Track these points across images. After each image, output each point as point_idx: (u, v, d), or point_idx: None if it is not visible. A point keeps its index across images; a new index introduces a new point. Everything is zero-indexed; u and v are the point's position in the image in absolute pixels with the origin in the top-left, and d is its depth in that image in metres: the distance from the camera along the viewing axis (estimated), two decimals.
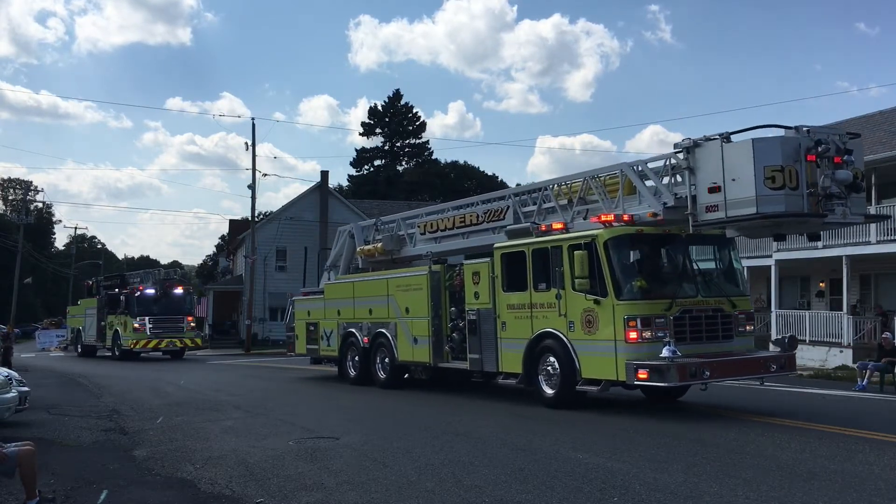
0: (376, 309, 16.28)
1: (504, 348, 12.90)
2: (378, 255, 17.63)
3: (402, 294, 15.45)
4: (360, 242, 18.61)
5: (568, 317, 11.65)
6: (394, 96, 74.92)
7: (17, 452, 6.49)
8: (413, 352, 15.11)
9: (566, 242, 11.85)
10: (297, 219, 44.18)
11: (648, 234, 11.78)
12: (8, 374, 11.60)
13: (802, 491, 6.57)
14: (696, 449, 8.54)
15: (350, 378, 17.22)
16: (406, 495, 6.70)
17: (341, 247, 19.60)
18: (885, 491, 6.57)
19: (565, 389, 11.71)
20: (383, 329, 15.98)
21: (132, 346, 29.80)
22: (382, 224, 18.23)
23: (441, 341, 14.62)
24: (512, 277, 12.81)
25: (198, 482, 7.48)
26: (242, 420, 11.73)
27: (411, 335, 15.13)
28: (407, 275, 15.65)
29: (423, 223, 16.70)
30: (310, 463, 8.20)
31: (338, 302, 17.79)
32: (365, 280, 17.23)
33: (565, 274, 11.67)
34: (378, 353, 16.31)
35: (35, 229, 74.36)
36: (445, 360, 14.62)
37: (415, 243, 16.98)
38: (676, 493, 6.57)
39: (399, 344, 15.54)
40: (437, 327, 14.60)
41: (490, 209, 14.90)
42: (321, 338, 18.40)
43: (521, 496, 6.57)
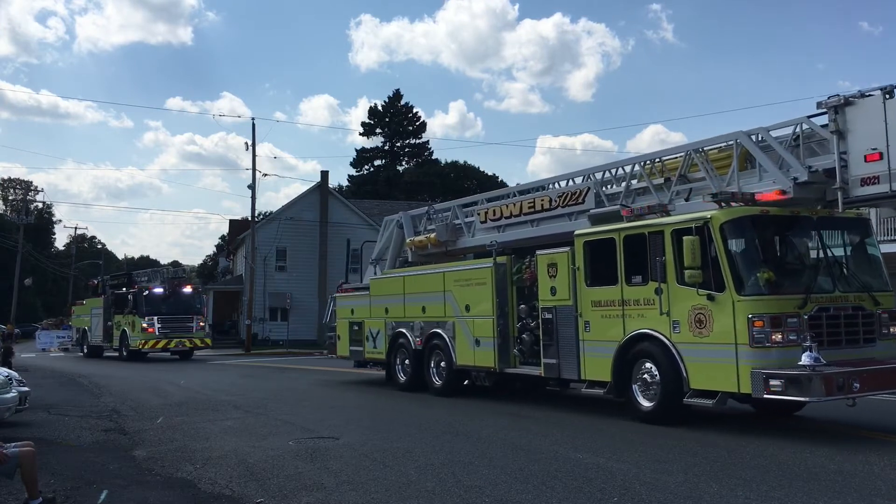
0: (431, 307, 14.74)
1: (588, 352, 11.26)
2: (431, 246, 16.19)
3: (462, 290, 13.89)
4: (410, 233, 17.05)
5: (672, 315, 9.95)
6: (394, 96, 75.00)
7: (17, 453, 6.49)
8: (474, 355, 13.55)
9: (670, 227, 10.12)
10: (298, 219, 44.20)
11: (775, 216, 9.90)
12: (8, 374, 11.60)
13: (802, 491, 6.57)
14: (696, 449, 8.54)
15: (400, 383, 15.67)
16: (406, 495, 6.71)
17: (388, 238, 18.06)
18: (884, 491, 6.57)
19: (668, 402, 10.01)
20: (439, 329, 14.45)
21: (140, 346, 29.15)
22: (435, 212, 16.66)
23: (508, 343, 13.00)
24: (598, 269, 11.19)
25: (198, 482, 7.49)
26: (242, 420, 11.73)
27: (472, 336, 13.58)
28: (468, 268, 14.13)
29: (484, 210, 15.05)
30: (310, 463, 8.20)
31: (386, 299, 16.25)
32: (417, 274, 15.53)
33: (668, 265, 10.02)
34: (432, 357, 14.78)
35: (35, 229, 74.42)
36: (513, 366, 13.00)
37: (473, 233, 15.41)
38: (676, 493, 6.58)
39: (458, 346, 13.98)
40: (503, 327, 13.01)
41: (565, 192, 13.13)
42: (366, 339, 16.85)
43: (521, 496, 6.57)
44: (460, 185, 71.84)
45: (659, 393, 10.12)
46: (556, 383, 12.58)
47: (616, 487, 6.80)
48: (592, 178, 12.98)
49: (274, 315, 43.49)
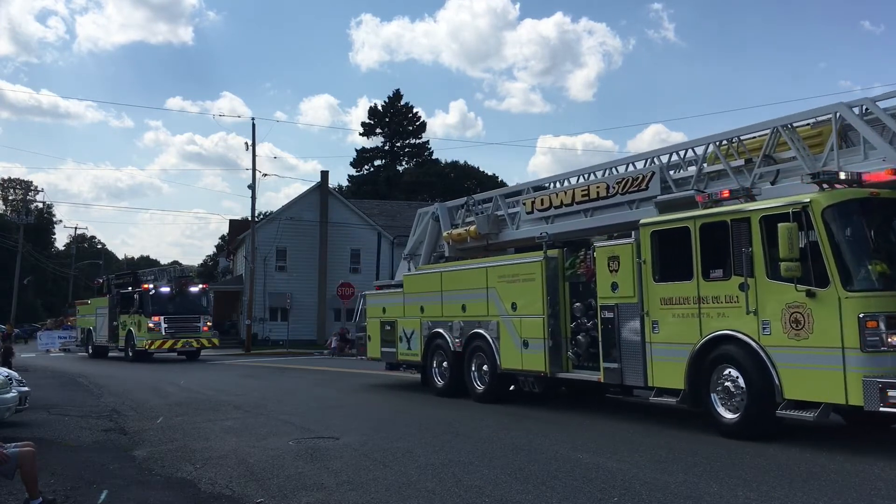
0: (472, 305, 13.61)
1: (656, 356, 10.07)
2: (470, 240, 15.16)
3: (508, 286, 12.74)
4: (447, 226, 16.03)
5: (760, 314, 8.77)
6: (394, 96, 75.03)
7: (17, 453, 6.50)
8: (522, 358, 12.40)
9: (758, 213, 8.92)
10: (298, 219, 44.21)
11: (886, 200, 8.66)
12: (8, 374, 11.61)
13: (802, 491, 6.57)
14: (696, 449, 8.54)
15: (437, 388, 14.56)
16: (406, 495, 6.70)
17: (422, 232, 16.99)
18: (884, 491, 6.57)
19: (755, 414, 8.83)
20: (481, 330, 13.31)
21: (147, 346, 28.50)
22: (474, 203, 15.61)
23: (560, 345, 11.86)
24: (668, 262, 10.05)
25: (198, 482, 7.49)
26: (242, 420, 11.73)
27: (519, 337, 12.44)
28: (514, 262, 12.85)
29: (531, 200, 13.95)
30: (310, 463, 8.20)
31: (421, 297, 15.13)
32: (456, 270, 14.34)
33: (756, 256, 8.82)
34: (474, 360, 13.62)
35: (35, 229, 74.43)
36: (566, 370, 11.84)
37: (518, 225, 14.39)
38: (676, 493, 6.58)
39: (502, 348, 12.82)
40: (554, 328, 11.88)
41: (625, 178, 12.03)
42: (399, 339, 15.71)
43: (521, 496, 6.57)
44: (460, 185, 71.79)
45: (744, 404, 8.90)
46: (618, 390, 11.53)
47: (616, 487, 6.80)
48: (658, 161, 11.82)
49: (274, 315, 43.50)
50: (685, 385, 9.62)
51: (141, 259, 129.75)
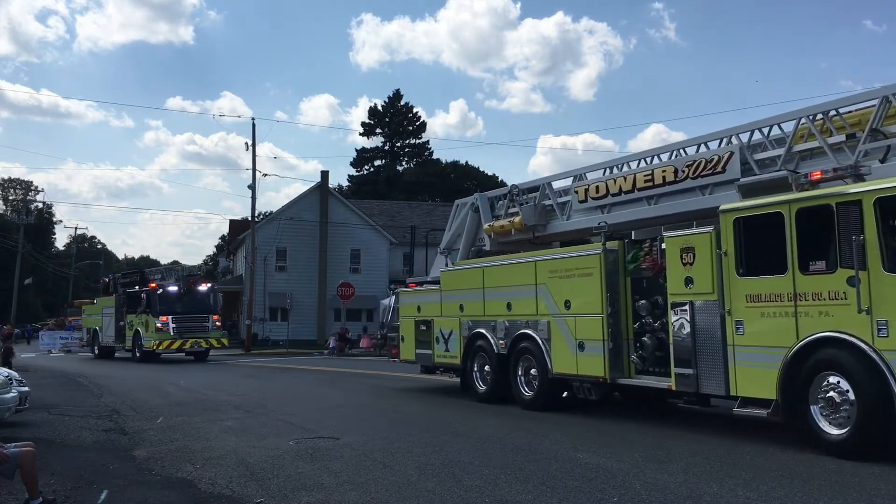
0: (519, 303, 12.49)
1: (741, 361, 8.83)
2: (515, 232, 14.02)
3: (560, 282, 11.60)
4: (488, 218, 14.98)
5: (875, 313, 7.60)
6: (394, 96, 75.18)
7: (17, 453, 6.50)
8: (577, 362, 11.24)
9: (873, 195, 7.71)
10: (298, 219, 44.24)
11: None
12: (8, 374, 11.60)
13: (802, 491, 6.57)
14: (696, 449, 8.54)
15: (479, 393, 13.48)
16: (406, 495, 6.70)
17: (461, 224, 15.85)
18: (885, 491, 6.57)
19: (869, 429, 7.65)
20: (529, 330, 12.20)
21: (154, 347, 27.90)
22: (519, 192, 14.46)
23: (621, 348, 10.75)
24: (756, 254, 8.82)
25: (198, 482, 7.48)
26: (242, 420, 11.73)
27: (574, 339, 11.30)
28: (568, 256, 11.74)
29: (584, 187, 12.75)
30: (310, 463, 8.20)
31: (460, 294, 14.01)
32: (501, 265, 13.18)
33: (870, 245, 7.66)
34: (521, 363, 12.53)
35: (35, 229, 74.52)
36: (628, 375, 10.70)
37: (569, 215, 13.23)
38: (676, 493, 6.58)
39: (555, 351, 11.68)
40: (614, 328, 10.75)
41: (696, 160, 10.83)
42: (436, 340, 14.61)
43: (521, 496, 6.57)
44: (460, 185, 71.89)
45: (854, 417, 7.76)
46: (693, 399, 10.06)
47: (616, 487, 6.80)
48: (736, 140, 10.54)
49: (274, 315, 43.53)
50: (777, 395, 8.41)
51: (141, 259, 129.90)
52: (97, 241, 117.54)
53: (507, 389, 12.80)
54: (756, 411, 8.71)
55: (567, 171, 14.78)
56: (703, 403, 10.28)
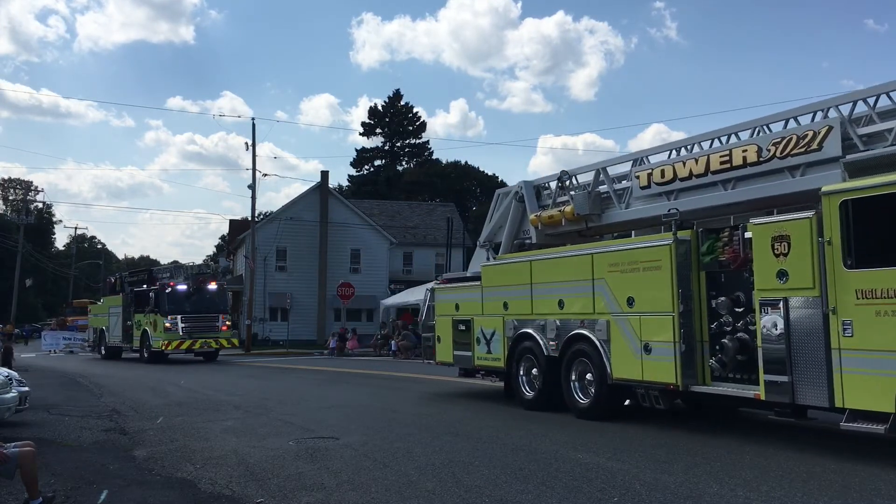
0: (572, 300, 11.38)
1: (849, 367, 7.73)
2: (565, 222, 12.79)
3: (623, 277, 10.46)
4: (534, 208, 13.77)
5: None
6: (394, 96, 75.19)
7: (17, 453, 6.50)
8: (642, 366, 10.05)
9: None
10: (298, 219, 44.25)
11: None
12: (8, 374, 11.60)
13: (802, 491, 6.57)
14: (696, 449, 8.54)
15: (525, 400, 12.38)
16: (406, 495, 6.71)
17: (503, 215, 14.61)
18: (885, 491, 6.57)
19: None
20: (584, 330, 11.07)
21: (163, 347, 27.06)
22: (568, 178, 13.14)
23: (694, 351, 9.54)
24: (869, 242, 7.74)
25: (198, 482, 7.49)
26: (242, 420, 11.73)
27: (638, 340, 10.13)
28: (632, 247, 10.54)
29: (646, 172, 11.46)
30: (310, 463, 8.20)
31: (504, 291, 12.90)
32: (552, 258, 12.04)
33: None
34: (574, 367, 11.37)
35: (35, 229, 74.54)
36: (703, 382, 9.50)
37: (627, 203, 11.97)
38: (676, 493, 6.58)
39: (615, 354, 10.52)
40: (687, 328, 9.53)
41: (786, 137, 9.48)
42: (476, 341, 13.52)
43: (521, 496, 6.57)
44: (460, 185, 71.97)
45: None
46: (787, 411, 8.62)
47: (616, 487, 6.80)
48: (836, 113, 9.29)
49: (274, 315, 43.53)
50: None
51: (141, 259, 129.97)
52: (97, 241, 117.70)
53: (557, 396, 11.68)
54: (870, 426, 7.58)
55: (625, 154, 13.17)
56: (798, 416, 8.76)
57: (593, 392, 11.01)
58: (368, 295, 42.98)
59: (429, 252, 49.91)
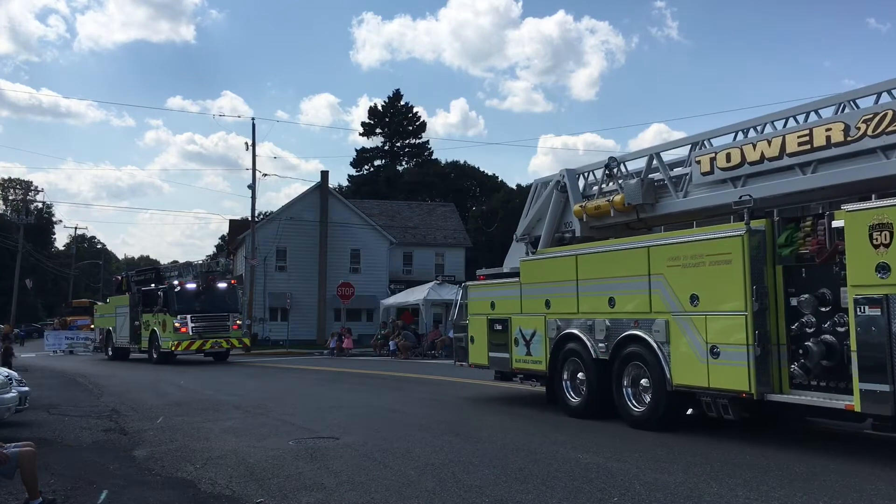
0: (625, 298, 10.43)
1: None
2: (615, 213, 11.71)
3: (685, 272, 9.43)
4: (578, 198, 12.67)
5: None
6: (394, 96, 75.19)
7: (17, 453, 6.50)
8: (708, 372, 9.01)
9: None
10: (298, 219, 44.24)
11: None
12: (8, 374, 11.60)
13: (802, 491, 6.58)
14: (696, 449, 8.54)
15: (569, 406, 11.48)
16: (406, 495, 6.71)
17: (542, 206, 13.48)
18: (885, 491, 6.57)
19: None
20: (639, 331, 10.11)
21: (173, 347, 26.31)
22: (617, 165, 12.07)
23: (770, 354, 8.53)
24: None
25: (198, 482, 7.49)
26: (242, 420, 11.73)
27: (703, 342, 9.09)
28: (696, 239, 9.44)
29: (708, 156, 10.33)
30: (310, 463, 8.20)
31: (546, 288, 11.98)
32: (602, 252, 11.04)
33: None
34: (627, 371, 10.42)
35: (35, 229, 74.52)
36: (780, 390, 8.52)
37: (685, 191, 10.89)
38: (676, 493, 6.58)
39: (675, 357, 9.50)
40: (762, 329, 8.53)
41: (880, 113, 8.34)
42: (514, 342, 12.60)
43: (521, 496, 6.58)
44: (460, 185, 71.98)
45: None
46: (888, 424, 7.64)
47: (616, 487, 6.80)
48: None
49: (274, 315, 43.51)
50: None
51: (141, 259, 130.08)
52: (97, 241, 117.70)
53: (607, 402, 10.76)
54: None
55: (681, 138, 11.86)
56: None
57: (649, 399, 10.03)
58: (368, 295, 42.98)
59: (429, 252, 49.93)
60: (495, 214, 59.55)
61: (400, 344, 30.75)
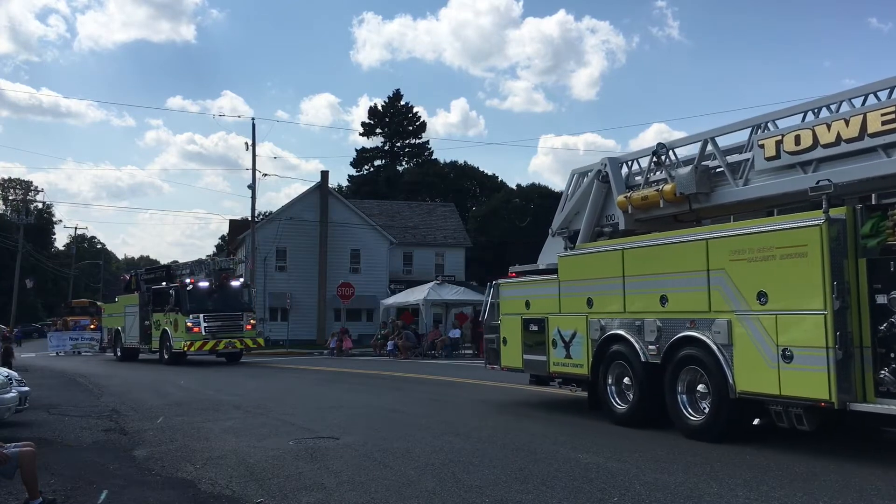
0: (679, 295, 9.49)
1: None
2: (665, 203, 10.88)
3: (750, 267, 8.50)
4: (621, 188, 11.89)
5: None
6: (394, 96, 75.24)
7: (17, 453, 6.50)
8: (779, 378, 8.09)
9: None
10: (297, 219, 44.26)
11: None
12: (8, 374, 11.61)
13: (802, 491, 6.58)
14: (696, 449, 8.54)
15: (615, 413, 10.62)
16: (406, 495, 6.71)
17: (581, 198, 12.66)
18: (884, 491, 6.57)
19: None
20: (696, 332, 9.17)
21: (185, 348, 25.53)
22: (666, 152, 11.19)
23: (852, 358, 7.65)
24: None
25: (198, 482, 7.49)
26: (242, 420, 11.73)
27: (774, 345, 8.16)
28: (766, 230, 8.48)
29: (774, 138, 9.45)
30: (310, 463, 8.20)
31: (588, 285, 11.10)
32: (652, 245, 10.13)
33: None
34: (681, 376, 9.50)
35: (35, 229, 74.47)
36: (865, 398, 7.64)
37: (746, 178, 9.96)
38: (676, 493, 6.58)
39: (739, 361, 8.58)
40: (843, 330, 7.64)
41: None
42: (552, 344, 11.76)
43: (521, 496, 6.58)
44: (460, 185, 72.00)
45: None
46: None
47: (616, 487, 6.80)
48: None
49: (274, 315, 43.51)
50: None
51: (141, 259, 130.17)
52: (97, 241, 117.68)
53: (658, 409, 9.95)
54: None
55: (739, 121, 10.58)
56: None
57: (708, 407, 9.12)
58: (368, 295, 42.97)
59: (429, 252, 49.93)
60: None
61: (400, 344, 30.74)
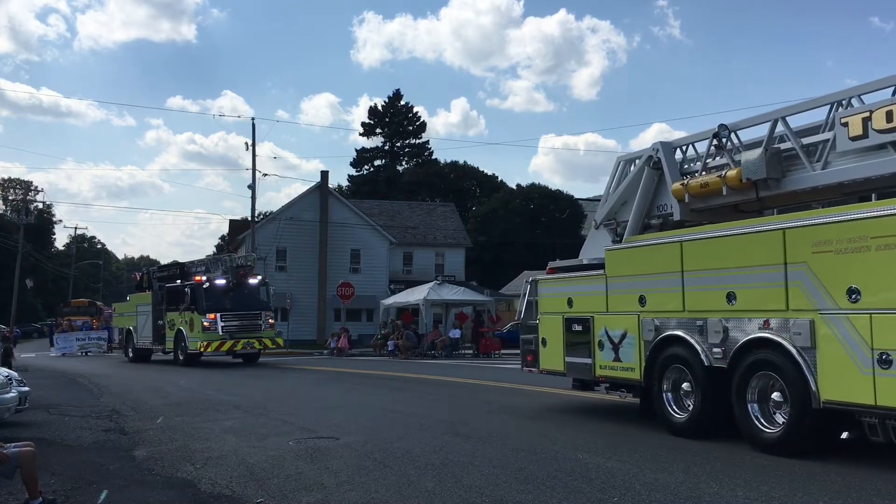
0: (749, 293, 8.52)
1: None
2: (728, 190, 9.81)
3: (837, 260, 7.57)
4: (676, 175, 10.86)
5: None
6: (394, 96, 75.30)
7: (17, 453, 6.50)
8: (875, 386, 7.15)
9: None
10: (298, 219, 44.27)
11: None
12: (8, 374, 11.61)
13: (802, 491, 6.58)
14: (696, 449, 8.55)
15: (673, 422, 9.63)
16: (406, 495, 6.71)
17: (629, 187, 11.58)
18: (884, 491, 6.57)
19: None
20: (770, 333, 8.22)
21: (201, 348, 24.59)
22: (728, 134, 10.08)
23: None
24: None
25: (198, 482, 7.49)
26: (242, 420, 11.73)
27: (867, 348, 7.22)
28: (856, 217, 7.53)
29: (859, 115, 8.38)
30: (310, 463, 8.20)
31: (640, 281, 10.15)
32: (716, 237, 9.11)
33: None
34: (752, 383, 8.54)
35: (35, 229, 74.47)
36: None
37: (825, 160, 8.91)
38: (676, 493, 6.58)
39: (824, 366, 7.62)
40: None
41: None
42: (598, 345, 10.85)
43: (521, 496, 6.58)
44: (460, 185, 72.03)
45: None
46: None
47: (616, 487, 6.80)
48: None
49: (274, 315, 43.44)
50: None
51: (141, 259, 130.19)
52: (97, 241, 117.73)
53: (721, 418, 9.06)
54: None
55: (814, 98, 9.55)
56: None
57: (785, 418, 8.18)
58: (368, 295, 42.96)
59: (429, 252, 49.92)
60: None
61: (400, 344, 30.75)
